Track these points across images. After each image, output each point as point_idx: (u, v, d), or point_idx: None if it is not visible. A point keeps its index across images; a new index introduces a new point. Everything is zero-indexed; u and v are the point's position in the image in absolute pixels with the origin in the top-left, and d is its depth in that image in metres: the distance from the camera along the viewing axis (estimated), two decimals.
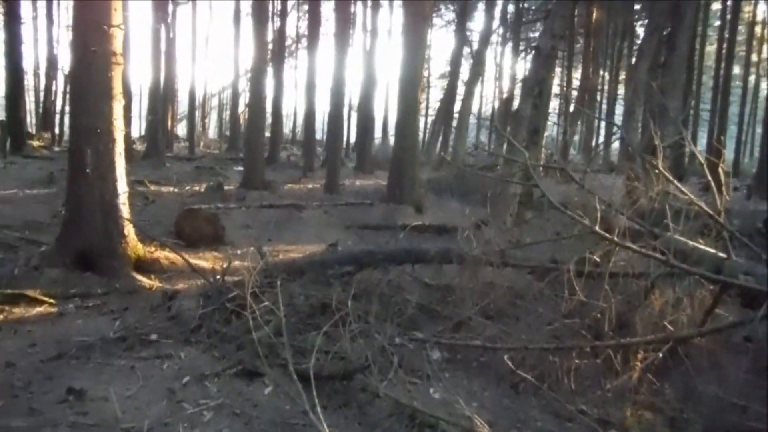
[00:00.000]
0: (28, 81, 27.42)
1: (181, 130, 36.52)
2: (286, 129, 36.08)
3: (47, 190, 12.32)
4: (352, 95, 29.31)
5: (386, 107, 30.79)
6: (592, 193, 4.02)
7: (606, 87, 32.97)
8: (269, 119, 22.40)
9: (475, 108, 28.10)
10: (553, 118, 29.67)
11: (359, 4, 26.10)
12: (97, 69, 6.17)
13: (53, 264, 6.16)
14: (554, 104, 31.51)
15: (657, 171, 4.30)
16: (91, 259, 6.26)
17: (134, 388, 3.63)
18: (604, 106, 32.48)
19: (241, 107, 29.65)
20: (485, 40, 22.66)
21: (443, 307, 4.96)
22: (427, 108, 32.64)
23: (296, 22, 33.91)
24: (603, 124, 30.01)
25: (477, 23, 32.70)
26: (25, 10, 24.70)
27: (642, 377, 3.60)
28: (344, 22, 16.27)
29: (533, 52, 12.01)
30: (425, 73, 27.63)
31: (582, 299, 3.74)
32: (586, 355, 3.72)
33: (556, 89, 28.59)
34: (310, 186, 15.29)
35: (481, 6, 30.12)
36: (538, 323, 4.23)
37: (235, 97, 29.52)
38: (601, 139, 31.26)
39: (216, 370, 3.87)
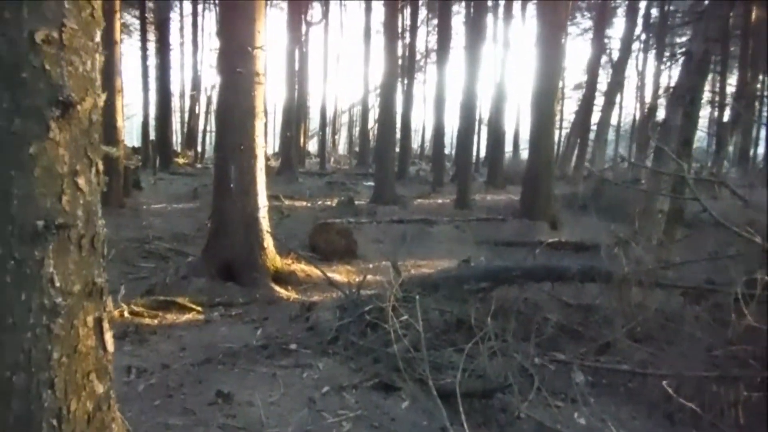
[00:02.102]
0: (175, 103, 29.91)
1: (312, 146, 38.17)
2: (415, 144, 36.57)
3: (192, 205, 13.33)
4: (482, 108, 29.20)
5: (518, 120, 30.39)
6: (760, 208, 3.72)
7: (767, 93, 30.34)
8: (398, 134, 22.86)
9: (614, 119, 27.01)
10: (702, 127, 27.74)
11: (490, 15, 26.03)
12: (242, 89, 6.63)
13: (199, 274, 6.65)
14: (703, 113, 29.48)
15: None
16: (234, 270, 6.69)
17: (276, 395, 3.82)
18: (765, 113, 29.88)
19: (371, 123, 30.45)
20: (626, 46, 21.72)
21: (586, 328, 4.79)
22: (561, 120, 31.78)
23: (425, 37, 34.41)
24: (764, 133, 27.60)
25: (616, 30, 31.42)
26: (173, 37, 26.99)
27: None
28: (476, 34, 16.26)
29: (682, 57, 11.35)
30: (560, 84, 26.90)
31: (752, 324, 3.46)
32: (757, 387, 3.43)
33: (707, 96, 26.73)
34: (440, 201, 15.36)
35: (620, 11, 28.96)
36: (694, 349, 3.96)
37: (365, 112, 30.36)
38: (761, 149, 28.75)
39: (354, 381, 3.98)
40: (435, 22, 29.48)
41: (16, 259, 1.83)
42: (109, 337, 2.12)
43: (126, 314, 5.44)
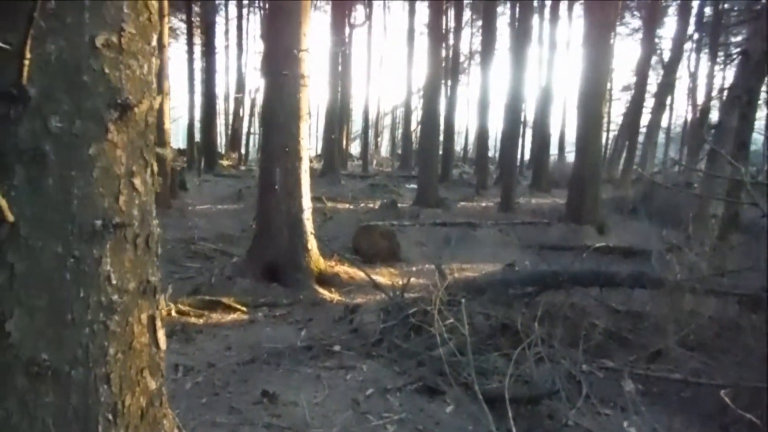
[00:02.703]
0: (219, 105, 30.47)
1: (355, 148, 38.38)
2: (458, 147, 36.40)
3: (236, 206, 13.56)
4: (527, 111, 28.88)
5: (563, 122, 29.95)
6: None
7: None
8: (441, 136, 22.80)
9: (663, 121, 26.40)
10: (758, 129, 26.83)
11: (535, 16, 25.76)
12: (287, 91, 6.72)
13: (244, 274, 6.76)
14: (759, 114, 28.52)
15: None
16: (278, 271, 6.78)
17: (321, 396, 3.86)
18: None
19: (413, 125, 30.45)
20: (678, 47, 21.22)
21: (636, 335, 4.69)
22: (608, 122, 31.22)
23: (470, 39, 34.26)
24: None
25: (667, 29, 30.69)
26: (218, 40, 27.51)
27: None
28: (522, 36, 16.11)
29: (738, 57, 11.03)
30: (607, 86, 26.41)
31: None
32: None
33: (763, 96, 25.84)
34: (484, 204, 15.28)
35: (671, 10, 28.30)
36: (751, 358, 3.84)
37: (408, 115, 30.38)
38: None
39: (398, 384, 3.99)
40: (479, 23, 29.39)
41: (76, 257, 1.90)
42: (161, 334, 2.18)
43: (173, 313, 5.57)
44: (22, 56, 1.68)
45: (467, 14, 30.78)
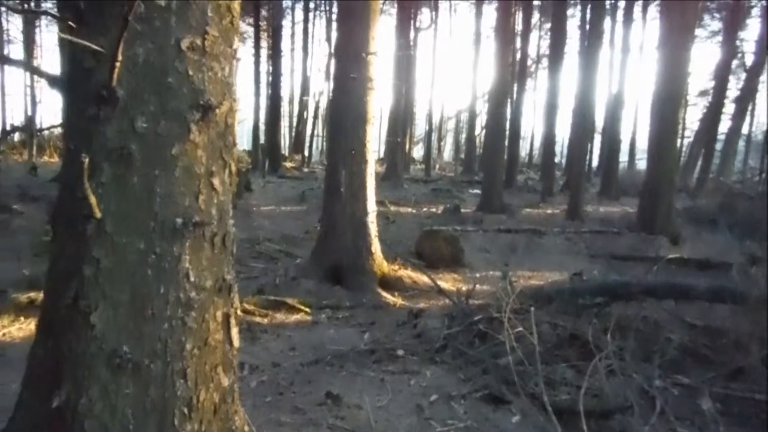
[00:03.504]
0: (283, 108, 31.05)
1: (417, 152, 38.39)
2: (523, 152, 35.93)
3: (299, 208, 13.78)
4: (596, 116, 28.21)
5: (634, 128, 29.14)
6: None
7: None
8: (506, 141, 22.56)
9: (744, 128, 25.32)
10: None
11: (607, 18, 25.16)
12: (354, 94, 6.79)
13: (308, 276, 6.86)
14: None
15: None
16: (341, 274, 6.84)
17: (384, 400, 3.87)
18: None
19: (477, 129, 30.23)
20: (762, 50, 20.33)
21: (714, 351, 4.51)
22: (683, 129, 30.16)
23: (537, 41, 33.79)
24: None
25: (750, 32, 29.45)
26: (284, 43, 28.03)
27: None
28: (593, 38, 15.77)
29: None
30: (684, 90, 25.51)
31: None
32: None
33: None
34: (550, 211, 15.01)
35: (755, 11, 27.13)
36: None
37: (472, 119, 30.19)
38: None
39: (462, 391, 3.97)
40: (548, 26, 28.95)
41: (157, 254, 1.98)
42: (235, 332, 2.24)
43: (239, 312, 5.69)
44: (113, 59, 1.76)
45: (536, 17, 30.35)
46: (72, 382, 1.95)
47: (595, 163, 28.40)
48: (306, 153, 29.15)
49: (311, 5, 30.97)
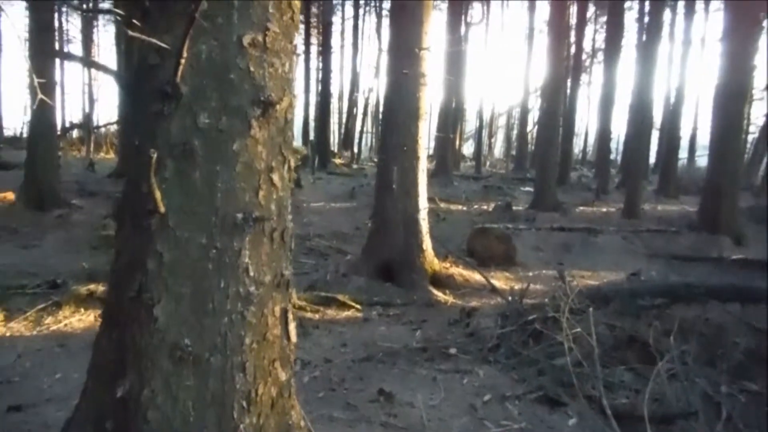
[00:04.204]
0: (333, 104, 31.27)
1: (467, 149, 38.15)
2: (576, 148, 35.30)
3: (349, 204, 13.85)
4: (654, 111, 27.48)
5: (694, 124, 28.27)
6: None
7: None
8: (559, 137, 22.18)
9: None
10: None
11: (666, 11, 24.47)
12: (407, 90, 6.79)
13: (358, 272, 6.89)
14: None
15: None
16: (392, 271, 6.85)
17: (437, 399, 3.86)
18: None
19: (529, 126, 29.84)
20: None
21: None
22: (748, 124, 29.07)
23: (592, 35, 33.11)
24: None
25: None
26: (334, 40, 28.24)
27: None
28: (652, 32, 15.35)
29: None
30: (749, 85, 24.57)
31: None
32: None
33: None
34: (605, 209, 14.70)
35: None
36: None
37: (524, 115, 29.80)
38: None
39: (517, 392, 3.92)
40: (603, 19, 28.34)
41: (218, 249, 2.01)
42: (292, 327, 2.27)
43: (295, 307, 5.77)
44: (179, 55, 1.79)
45: (591, 9, 29.72)
46: (135, 373, 2.00)
47: (652, 160, 27.69)
48: (355, 149, 29.30)
49: (361, 1, 31.10)
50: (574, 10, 25.33)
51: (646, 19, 19.30)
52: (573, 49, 24.53)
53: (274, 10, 2.02)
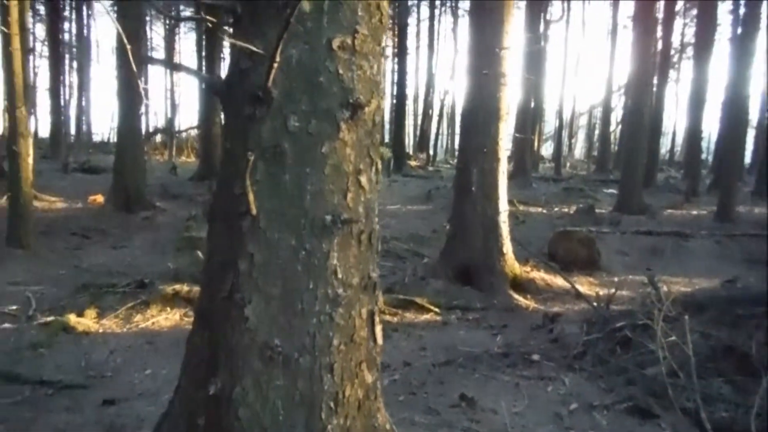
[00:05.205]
0: (408, 106, 31.33)
1: (546, 150, 37.43)
2: (663, 149, 34.00)
3: (425, 207, 13.84)
4: (750, 108, 26.12)
5: None
6: None
7: None
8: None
9: None
10: None
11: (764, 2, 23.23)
12: (487, 91, 6.73)
13: (437, 275, 6.88)
14: None
15: None
16: (471, 274, 6.80)
17: (520, 406, 3.80)
18: None
19: (612, 125, 28.97)
20: None
21: None
22: None
23: (681, 29, 31.81)
24: None
25: None
26: (409, 41, 28.30)
27: None
28: (748, 24, 14.60)
29: None
30: None
31: None
32: None
33: None
34: (695, 212, 14.07)
35: None
36: None
37: (606, 114, 28.94)
38: None
39: (605, 402, 3.81)
40: (694, 12, 27.20)
41: (307, 250, 2.05)
42: (379, 330, 2.28)
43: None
44: (272, 59, 1.84)
45: (679, 3, 28.58)
46: (227, 371, 2.06)
47: (747, 160, 26.33)
48: (430, 152, 29.25)
49: (437, 2, 31.01)
50: (660, 4, 24.46)
51: (742, 10, 18.37)
52: (660, 45, 23.64)
53: (363, 13, 2.05)
